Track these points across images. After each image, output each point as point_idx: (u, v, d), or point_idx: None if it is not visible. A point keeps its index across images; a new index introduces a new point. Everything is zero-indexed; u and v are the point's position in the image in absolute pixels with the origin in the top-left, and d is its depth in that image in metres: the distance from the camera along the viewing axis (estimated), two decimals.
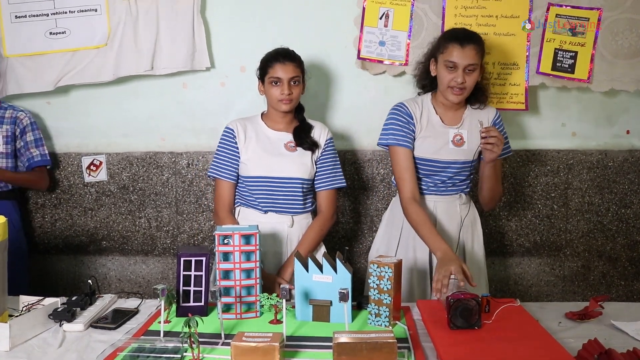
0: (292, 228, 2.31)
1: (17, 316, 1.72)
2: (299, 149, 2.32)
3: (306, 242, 2.27)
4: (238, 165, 2.32)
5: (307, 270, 1.79)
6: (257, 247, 1.82)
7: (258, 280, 1.84)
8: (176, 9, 2.72)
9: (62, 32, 2.77)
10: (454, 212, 2.32)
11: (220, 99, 2.88)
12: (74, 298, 1.84)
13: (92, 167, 2.93)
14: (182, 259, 1.82)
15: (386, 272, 1.71)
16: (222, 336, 1.63)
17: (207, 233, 2.96)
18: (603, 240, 2.97)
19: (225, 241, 1.80)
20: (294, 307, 1.83)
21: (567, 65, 2.71)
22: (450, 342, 1.56)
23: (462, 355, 1.49)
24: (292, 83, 2.26)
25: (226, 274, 1.82)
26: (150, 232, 2.98)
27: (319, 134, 2.37)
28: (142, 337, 1.66)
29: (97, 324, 1.75)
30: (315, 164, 2.34)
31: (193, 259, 1.83)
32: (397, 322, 1.75)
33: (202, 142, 2.91)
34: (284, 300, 1.66)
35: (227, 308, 1.81)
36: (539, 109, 2.88)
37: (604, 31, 2.69)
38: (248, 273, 1.82)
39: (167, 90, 2.87)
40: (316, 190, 2.37)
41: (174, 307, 1.84)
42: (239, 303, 1.81)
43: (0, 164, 2.70)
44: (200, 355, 1.50)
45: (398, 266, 1.74)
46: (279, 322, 1.76)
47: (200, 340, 1.51)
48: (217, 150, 2.35)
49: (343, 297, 1.63)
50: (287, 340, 1.58)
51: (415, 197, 2.21)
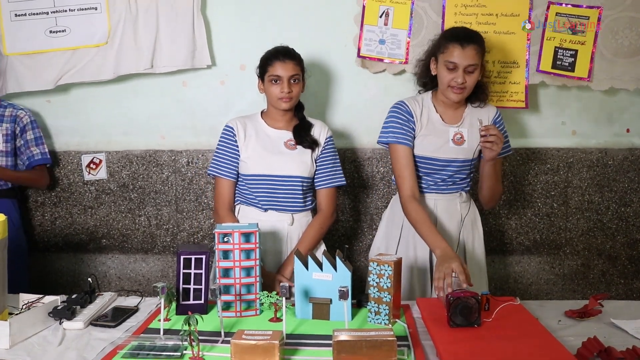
0: (292, 226, 2.31)
1: (17, 314, 1.72)
2: (299, 147, 2.32)
3: (306, 240, 2.27)
4: (238, 163, 2.32)
5: (307, 269, 1.79)
6: (257, 245, 1.82)
7: (258, 278, 1.84)
8: (176, 7, 2.72)
9: (62, 31, 2.76)
10: (454, 210, 2.32)
11: (220, 98, 2.88)
12: (73, 296, 1.84)
13: (92, 165, 2.93)
14: (182, 257, 1.82)
15: (386, 270, 1.71)
16: (222, 334, 1.63)
17: (207, 231, 2.96)
18: (603, 239, 2.97)
19: (225, 239, 1.80)
20: (293, 305, 1.83)
21: (567, 64, 2.71)
22: (450, 340, 1.56)
23: (461, 354, 1.49)
24: (292, 81, 2.26)
25: (226, 272, 1.82)
26: (150, 230, 2.98)
27: (319, 132, 2.37)
28: (142, 335, 1.66)
29: (97, 322, 1.75)
30: (315, 162, 2.34)
31: (193, 257, 1.83)
32: (396, 320, 1.75)
33: (202, 141, 2.91)
34: (283, 298, 1.66)
35: (227, 306, 1.81)
36: (539, 108, 2.87)
37: (604, 29, 2.69)
38: (248, 271, 1.82)
39: (167, 89, 2.87)
40: (316, 188, 2.38)
41: (173, 305, 1.84)
42: (238, 301, 1.81)
43: (0, 163, 2.70)
44: (200, 353, 1.50)
45: (398, 264, 1.74)
46: (278, 320, 1.76)
47: (200, 338, 1.51)
48: (217, 148, 2.35)
49: (343, 295, 1.63)
50: (286, 338, 1.58)
51: (415, 195, 2.21)
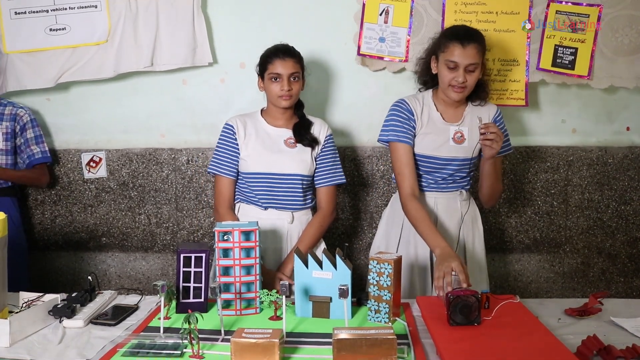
0: (292, 224, 2.31)
1: (17, 312, 1.72)
2: (299, 145, 2.32)
3: (306, 239, 2.27)
4: (238, 161, 2.32)
5: (307, 267, 1.79)
6: (257, 244, 1.82)
7: (258, 277, 1.84)
8: (176, 5, 2.72)
9: (62, 29, 2.76)
10: (455, 208, 2.32)
11: (220, 96, 2.88)
12: (74, 294, 1.84)
13: (91, 163, 2.93)
14: (181, 256, 1.82)
15: (386, 269, 1.71)
16: (222, 332, 1.63)
17: (206, 229, 2.96)
18: (603, 237, 2.97)
19: (225, 237, 1.80)
20: (293, 303, 1.83)
21: (567, 62, 2.71)
22: (449, 339, 1.56)
23: (461, 352, 1.49)
24: (291, 79, 2.26)
25: (226, 270, 1.82)
26: (150, 229, 2.98)
27: (319, 130, 2.36)
28: (142, 333, 1.66)
29: (97, 320, 1.75)
30: (315, 161, 2.34)
31: (193, 256, 1.83)
32: (396, 318, 1.75)
33: (202, 139, 2.91)
34: (283, 297, 1.66)
35: (226, 304, 1.81)
36: (539, 106, 2.87)
37: (604, 28, 2.69)
38: (248, 269, 1.82)
39: (166, 87, 2.87)
40: (316, 186, 2.37)
41: (173, 303, 1.84)
42: (238, 299, 1.82)
43: (0, 161, 2.70)
44: (200, 351, 1.50)
45: (398, 263, 1.74)
46: (278, 318, 1.76)
47: (200, 336, 1.51)
48: (217, 146, 2.35)
49: (343, 294, 1.63)
50: (286, 337, 1.58)
51: (415, 193, 2.20)
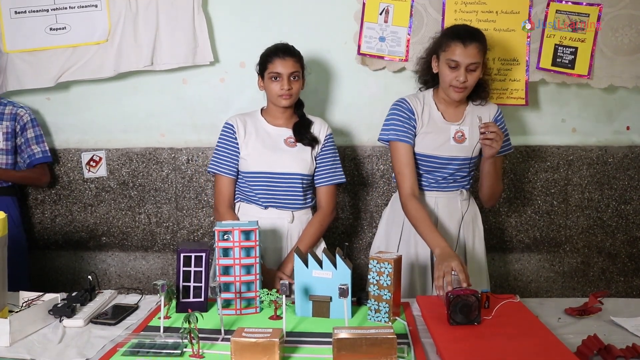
0: (292, 224, 2.31)
1: (17, 312, 1.72)
2: (299, 144, 2.32)
3: (306, 238, 2.27)
4: (238, 160, 2.32)
5: (307, 266, 1.79)
6: (257, 243, 1.82)
7: (258, 276, 1.84)
8: (176, 4, 2.71)
9: (63, 28, 2.76)
10: (455, 208, 2.31)
11: (220, 95, 2.87)
12: (74, 294, 1.84)
13: (91, 163, 2.93)
14: (181, 255, 1.82)
15: (386, 268, 1.71)
16: (222, 332, 1.63)
17: (206, 229, 2.96)
18: (603, 237, 2.97)
19: (225, 237, 1.80)
20: (293, 302, 1.83)
21: (567, 61, 2.71)
22: (449, 338, 1.56)
23: (461, 351, 1.49)
24: (291, 78, 2.26)
25: (226, 270, 1.82)
26: (150, 228, 2.98)
27: (319, 129, 2.36)
28: (142, 332, 1.66)
29: (97, 319, 1.75)
30: (315, 160, 2.34)
31: (193, 255, 1.83)
32: (396, 317, 1.75)
33: (202, 138, 2.91)
34: (283, 296, 1.66)
35: (227, 304, 1.81)
36: (539, 105, 2.87)
37: (604, 27, 2.69)
38: (248, 269, 1.82)
39: (166, 86, 2.87)
40: (316, 185, 2.37)
41: (173, 302, 1.84)
42: (238, 299, 1.82)
43: (0, 161, 2.70)
44: (200, 350, 1.50)
45: (398, 262, 1.74)
46: (278, 317, 1.76)
47: (200, 336, 1.51)
48: (217, 146, 2.35)
49: (343, 293, 1.63)
50: (286, 336, 1.58)
51: (415, 193, 2.20)
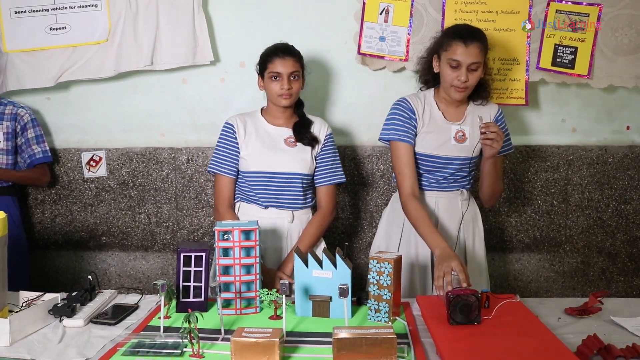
0: (292, 223, 2.31)
1: (17, 312, 1.72)
2: (299, 144, 2.32)
3: (306, 238, 2.27)
4: (238, 160, 2.32)
5: (307, 266, 1.79)
6: (257, 243, 1.82)
7: (258, 276, 1.84)
8: (176, 4, 2.71)
9: (62, 28, 2.76)
10: (456, 208, 2.31)
11: (220, 95, 2.87)
12: (74, 294, 1.84)
13: (91, 162, 2.93)
14: (181, 255, 1.82)
15: (386, 268, 1.71)
16: (222, 332, 1.63)
17: (206, 229, 2.96)
18: (603, 236, 2.97)
19: (225, 237, 1.80)
20: (293, 302, 1.83)
21: (567, 61, 2.71)
22: (449, 338, 1.56)
23: (461, 351, 1.49)
24: (291, 78, 2.26)
25: (226, 270, 1.82)
26: (150, 228, 2.98)
27: (319, 129, 2.36)
28: (142, 332, 1.66)
29: (97, 319, 1.75)
30: (315, 160, 2.34)
31: (193, 255, 1.83)
32: (396, 317, 1.75)
33: (202, 138, 2.91)
34: (283, 296, 1.66)
35: (227, 304, 1.81)
36: (539, 105, 2.87)
37: (603, 27, 2.68)
38: (248, 269, 1.82)
39: (166, 86, 2.87)
40: (316, 185, 2.37)
41: (173, 302, 1.84)
42: (238, 299, 1.82)
43: (1, 161, 2.70)
44: (200, 350, 1.50)
45: (398, 262, 1.74)
46: (278, 317, 1.76)
47: (200, 335, 1.51)
48: (217, 145, 2.35)
49: (343, 293, 1.63)
50: (286, 336, 1.58)
51: (415, 193, 2.20)
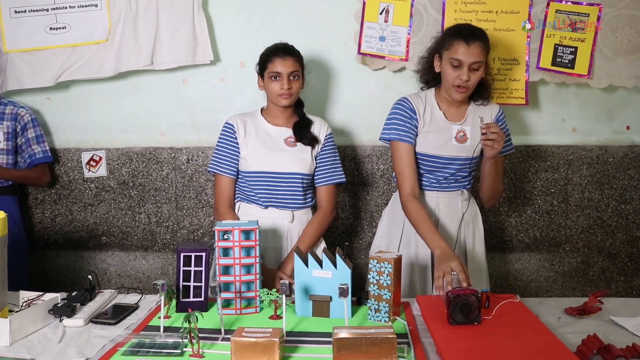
0: (292, 223, 2.31)
1: (17, 311, 1.72)
2: (299, 144, 2.32)
3: (306, 238, 2.27)
4: (238, 160, 2.32)
5: (307, 266, 1.79)
6: (257, 243, 1.82)
7: (258, 276, 1.84)
8: (176, 4, 2.71)
9: (62, 28, 2.76)
10: (456, 208, 2.31)
11: (220, 95, 2.87)
12: (74, 293, 1.84)
13: (91, 162, 2.93)
14: (181, 255, 1.82)
15: (386, 268, 1.71)
16: (222, 331, 1.63)
17: (207, 228, 2.96)
18: (603, 236, 2.97)
19: (225, 236, 1.80)
20: (293, 302, 1.83)
21: (567, 61, 2.71)
22: (449, 338, 1.57)
23: (461, 351, 1.49)
24: (291, 77, 2.26)
25: (226, 270, 1.82)
26: (150, 228, 2.98)
27: (319, 129, 2.36)
28: (142, 332, 1.66)
29: (97, 319, 1.75)
30: (315, 159, 2.34)
31: (193, 255, 1.83)
32: (396, 317, 1.75)
33: (202, 138, 2.91)
34: (283, 296, 1.66)
35: (227, 303, 1.81)
36: (539, 105, 2.87)
37: (603, 27, 2.69)
38: (248, 268, 1.82)
39: (167, 86, 2.87)
40: (316, 185, 2.37)
41: (173, 302, 1.84)
42: (238, 298, 1.82)
43: (1, 161, 2.70)
44: (200, 350, 1.50)
45: (398, 262, 1.74)
46: (278, 317, 1.76)
47: (200, 335, 1.51)
48: (217, 145, 2.35)
49: (343, 293, 1.63)
50: (287, 336, 1.58)
51: (415, 193, 2.20)
